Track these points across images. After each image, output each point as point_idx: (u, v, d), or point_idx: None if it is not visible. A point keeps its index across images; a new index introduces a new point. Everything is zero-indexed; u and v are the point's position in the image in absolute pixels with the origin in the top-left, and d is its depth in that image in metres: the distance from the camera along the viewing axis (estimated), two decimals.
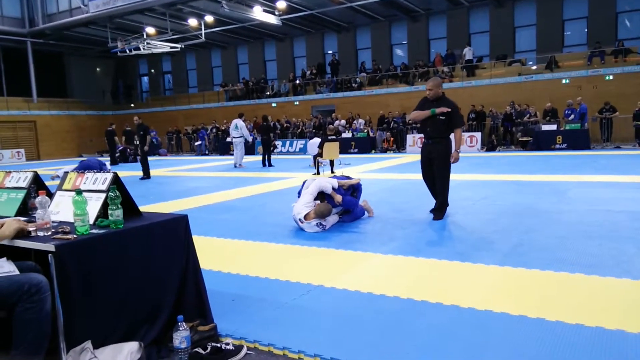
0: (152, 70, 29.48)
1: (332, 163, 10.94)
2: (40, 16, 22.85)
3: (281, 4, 18.42)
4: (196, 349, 2.12)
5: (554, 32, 18.46)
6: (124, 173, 12.03)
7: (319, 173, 10.07)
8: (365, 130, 17.85)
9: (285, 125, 20.36)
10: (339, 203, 4.73)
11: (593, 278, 2.94)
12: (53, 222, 2.14)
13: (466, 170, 9.15)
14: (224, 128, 20.46)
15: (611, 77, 15.71)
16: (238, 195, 7.35)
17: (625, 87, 15.09)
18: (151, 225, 2.24)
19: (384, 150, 17.15)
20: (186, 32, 21.00)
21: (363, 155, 16.18)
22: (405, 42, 21.93)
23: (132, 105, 28.33)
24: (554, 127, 14.59)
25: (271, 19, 19.25)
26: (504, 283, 2.96)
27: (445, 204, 5.02)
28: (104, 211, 2.21)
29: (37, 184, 2.57)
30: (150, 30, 20.65)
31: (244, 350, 2.19)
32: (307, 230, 4.57)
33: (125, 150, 18.34)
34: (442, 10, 20.44)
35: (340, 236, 4.39)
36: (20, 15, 23.13)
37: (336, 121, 18.42)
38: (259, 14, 18.59)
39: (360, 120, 18.49)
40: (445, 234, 4.38)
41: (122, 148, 18.24)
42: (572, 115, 14.44)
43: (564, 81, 16.43)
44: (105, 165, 8.67)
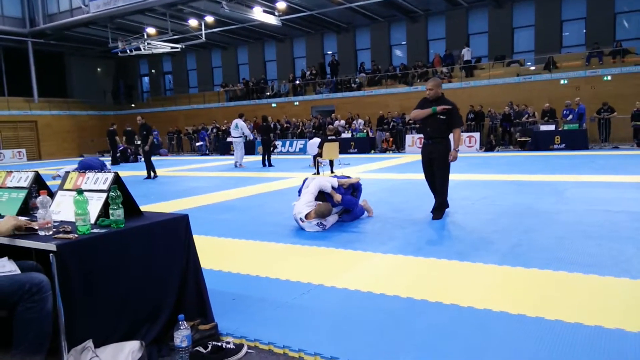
0: (153, 71, 29.48)
1: (332, 163, 10.96)
2: (40, 16, 22.85)
3: (281, 5, 18.44)
4: (197, 348, 2.13)
5: (552, 33, 18.48)
6: (124, 173, 12.03)
7: (318, 173, 10.08)
8: (364, 131, 17.87)
9: (285, 125, 20.38)
10: (339, 202, 4.74)
11: (592, 277, 2.96)
12: (54, 222, 2.14)
13: (465, 170, 9.16)
14: (224, 128, 20.47)
15: (609, 78, 15.73)
16: (238, 195, 7.36)
17: (623, 88, 15.11)
18: (152, 225, 2.25)
19: (384, 151, 17.16)
20: (186, 33, 21.01)
21: (362, 155, 16.19)
22: (404, 43, 21.95)
23: (133, 105, 28.34)
24: (552, 128, 14.61)
25: (271, 20, 19.26)
26: (503, 282, 2.97)
27: (445, 203, 5.03)
28: (105, 211, 2.22)
29: (38, 184, 2.58)
30: (150, 30, 20.66)
31: (245, 349, 2.20)
32: (308, 230, 4.58)
33: (126, 150, 18.35)
34: (441, 10, 20.46)
35: (340, 236, 4.40)
36: (21, 15, 23.13)
37: (336, 121, 18.44)
38: (259, 14, 18.61)
39: (360, 121, 18.51)
40: (445, 233, 4.39)
41: (123, 148, 18.25)
42: (571, 116, 14.46)
43: (562, 82, 16.45)
44: (105, 165, 8.66)
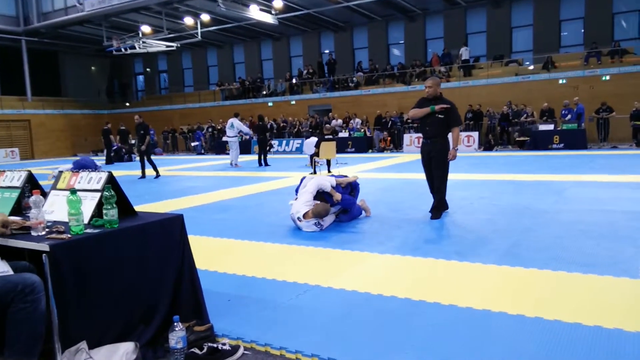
0: (148, 69, 29.37)
1: (329, 162, 10.93)
2: (35, 14, 22.71)
3: (278, 3, 18.39)
4: (192, 350, 2.10)
5: (550, 33, 18.52)
6: (119, 172, 11.98)
7: (315, 172, 10.06)
8: (362, 130, 17.85)
9: (282, 124, 20.34)
10: (338, 201, 4.72)
11: (591, 277, 2.94)
12: (47, 222, 2.11)
13: (464, 170, 9.15)
14: (219, 127, 20.41)
15: (608, 78, 15.78)
16: (234, 195, 7.32)
17: (621, 88, 15.16)
18: (146, 225, 2.22)
19: (381, 150, 17.16)
20: (182, 31, 20.92)
21: (360, 154, 16.18)
22: (402, 42, 21.95)
23: (128, 104, 28.22)
24: (551, 127, 14.64)
25: (268, 18, 19.21)
26: (502, 282, 2.95)
27: (443, 204, 5.03)
28: (98, 211, 2.19)
29: (31, 183, 2.54)
30: (145, 28, 20.55)
31: (241, 351, 2.17)
32: (305, 230, 4.55)
33: (120, 150, 18.26)
34: (439, 10, 20.47)
35: (337, 236, 4.37)
36: (15, 13, 22.99)
37: (333, 121, 18.41)
38: (255, 13, 18.56)
39: (357, 120, 18.49)
40: (443, 233, 4.37)
41: (117, 147, 18.16)
42: (569, 115, 14.49)
43: (560, 81, 16.49)
44: (99, 167, 8.61)
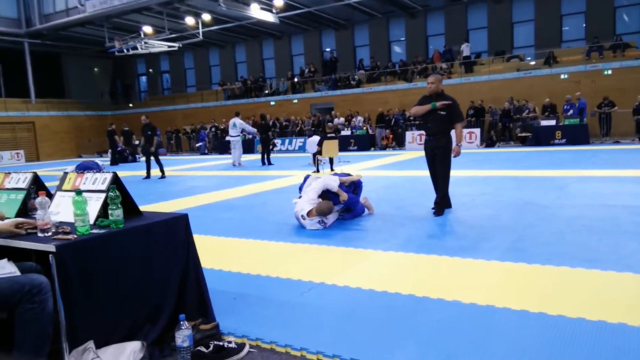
0: (150, 70, 29.43)
1: (332, 161, 10.94)
2: (37, 16, 22.76)
3: (278, 2, 18.37)
4: (199, 348, 2.12)
5: (552, 28, 18.44)
6: (123, 173, 12.01)
7: (318, 171, 10.06)
8: (364, 128, 17.84)
9: (284, 123, 20.35)
10: (345, 200, 4.74)
11: (594, 272, 2.95)
12: (57, 222, 2.13)
13: (466, 166, 9.14)
14: (222, 127, 20.44)
15: (610, 72, 15.70)
16: (238, 194, 7.35)
17: (623, 82, 15.08)
18: (152, 225, 2.24)
19: (383, 148, 17.14)
20: (184, 31, 20.94)
21: (362, 152, 16.17)
22: (403, 39, 21.90)
23: (131, 105, 28.29)
24: (553, 123, 14.59)
25: (269, 17, 19.21)
26: (506, 278, 2.96)
27: (447, 201, 5.04)
28: (104, 211, 2.20)
29: (37, 185, 2.56)
30: (147, 29, 20.59)
31: (247, 348, 2.19)
32: (308, 228, 4.57)
33: (124, 151, 18.31)
34: (440, 6, 20.41)
35: (341, 233, 4.39)
36: (17, 15, 23.06)
37: (335, 119, 18.41)
38: (256, 12, 18.55)
39: (359, 118, 18.48)
40: (446, 229, 4.38)
41: (121, 149, 18.22)
42: (571, 111, 14.43)
43: (562, 76, 16.42)
44: (102, 167, 8.64)
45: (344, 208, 4.92)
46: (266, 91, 23.42)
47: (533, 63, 18.09)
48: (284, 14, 19.58)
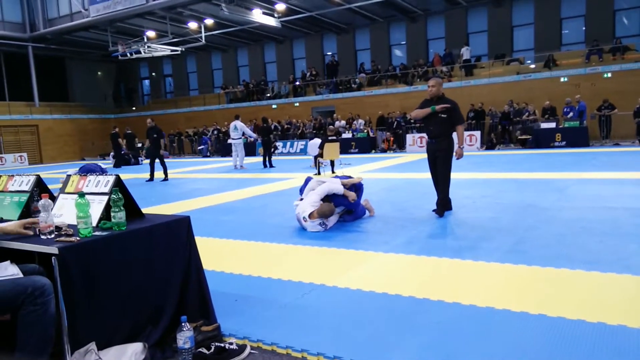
0: (153, 74, 29.54)
1: (333, 163, 10.96)
2: (41, 21, 22.91)
3: (280, 7, 18.46)
4: (200, 349, 2.13)
5: (551, 31, 18.47)
6: (126, 175, 12.02)
7: (319, 173, 10.08)
8: (365, 131, 17.88)
9: (286, 126, 20.40)
10: (354, 200, 4.79)
11: (594, 274, 2.95)
12: (66, 224, 2.15)
13: (466, 169, 9.15)
14: (224, 130, 20.51)
15: (609, 75, 15.71)
16: (240, 197, 7.37)
17: (623, 85, 15.09)
18: (154, 227, 2.25)
19: (384, 150, 17.16)
20: (186, 35, 21.05)
21: (363, 155, 16.19)
22: (404, 43, 21.96)
23: (134, 108, 28.41)
24: (553, 125, 14.60)
25: (271, 22, 19.28)
26: (506, 280, 2.96)
27: (447, 203, 5.06)
28: (106, 213, 2.22)
29: (40, 187, 2.59)
30: (150, 33, 20.70)
31: (248, 350, 2.20)
32: (309, 230, 4.59)
33: (127, 154, 18.37)
34: (440, 10, 20.47)
35: (342, 235, 4.40)
36: (21, 20, 23.20)
37: (336, 122, 18.44)
38: (258, 16, 18.63)
39: (360, 121, 18.52)
40: (447, 231, 4.39)
41: (123, 152, 18.28)
42: (571, 113, 14.44)
43: (562, 79, 16.43)
44: (106, 170, 8.70)
45: (344, 210, 4.94)
46: (268, 94, 23.49)
47: (533, 66, 18.12)
48: (286, 19, 19.67)
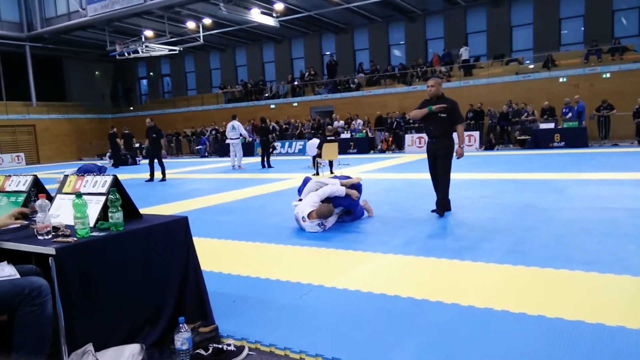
0: (151, 73, 29.49)
1: (331, 163, 10.95)
2: (38, 20, 22.85)
3: (279, 6, 18.46)
4: (198, 351, 2.12)
5: (550, 31, 18.50)
6: (124, 176, 12.02)
7: (318, 174, 10.08)
8: (363, 131, 17.88)
9: (284, 126, 20.38)
10: (357, 197, 4.83)
11: (592, 275, 2.95)
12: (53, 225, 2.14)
13: (465, 169, 9.16)
14: (222, 130, 20.49)
15: (608, 75, 15.75)
16: (238, 197, 7.35)
17: (622, 85, 15.13)
18: (151, 228, 2.25)
19: (383, 151, 17.16)
20: (184, 35, 21.01)
21: (362, 155, 16.19)
22: (402, 43, 21.97)
23: (132, 108, 28.35)
24: (551, 126, 14.62)
25: (269, 21, 19.27)
26: (504, 281, 2.96)
27: (446, 203, 5.05)
28: (104, 214, 2.21)
29: (37, 188, 2.58)
30: (148, 33, 20.66)
31: (246, 351, 2.19)
32: (308, 230, 4.58)
33: (125, 154, 18.32)
34: (439, 10, 20.48)
35: (340, 236, 4.39)
36: (19, 19, 23.13)
37: (335, 122, 18.44)
38: (256, 16, 18.62)
39: (359, 121, 18.52)
40: (446, 232, 4.39)
41: (122, 152, 18.23)
42: (570, 114, 14.46)
43: (561, 80, 16.46)
44: (105, 169, 8.71)
45: (343, 211, 4.94)
46: (266, 94, 23.48)
47: (532, 66, 18.15)
48: (284, 18, 19.66)
